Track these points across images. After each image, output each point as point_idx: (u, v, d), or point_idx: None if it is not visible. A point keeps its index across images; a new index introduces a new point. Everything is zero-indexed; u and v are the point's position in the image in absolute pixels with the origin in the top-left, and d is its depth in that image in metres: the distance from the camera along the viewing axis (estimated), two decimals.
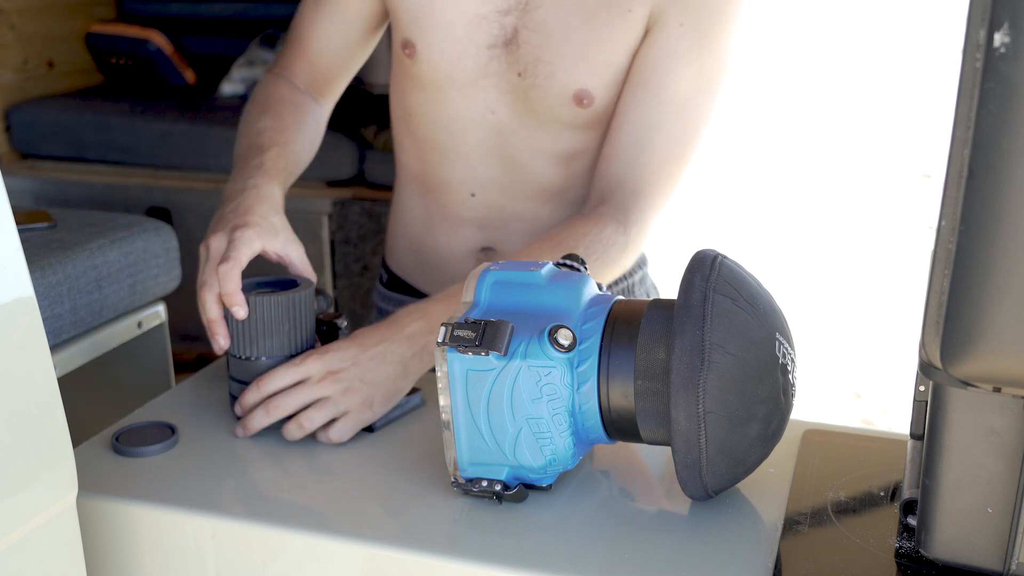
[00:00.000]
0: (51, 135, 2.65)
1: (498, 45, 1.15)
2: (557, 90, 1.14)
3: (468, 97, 1.18)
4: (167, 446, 0.95)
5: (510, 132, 1.19)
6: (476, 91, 1.18)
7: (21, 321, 0.72)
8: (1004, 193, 0.56)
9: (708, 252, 0.83)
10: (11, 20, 2.68)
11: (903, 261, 4.26)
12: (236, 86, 2.78)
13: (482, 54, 1.15)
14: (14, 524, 0.72)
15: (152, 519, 0.86)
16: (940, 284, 0.60)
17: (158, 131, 2.54)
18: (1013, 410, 0.66)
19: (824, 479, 0.88)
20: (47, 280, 1.22)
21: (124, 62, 2.86)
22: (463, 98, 1.19)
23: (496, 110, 1.18)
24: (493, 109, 1.18)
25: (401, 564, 0.79)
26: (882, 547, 0.78)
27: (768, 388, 0.79)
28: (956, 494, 0.70)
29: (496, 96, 1.18)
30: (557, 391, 0.80)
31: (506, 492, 0.83)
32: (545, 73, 1.13)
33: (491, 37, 1.14)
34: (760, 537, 0.80)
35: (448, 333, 0.80)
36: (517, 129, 1.18)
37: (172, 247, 1.46)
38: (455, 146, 1.22)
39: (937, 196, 0.61)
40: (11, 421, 0.71)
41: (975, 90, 0.56)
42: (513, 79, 1.16)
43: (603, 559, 0.78)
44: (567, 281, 0.85)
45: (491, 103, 1.18)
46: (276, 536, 0.82)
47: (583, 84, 1.12)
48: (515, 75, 1.15)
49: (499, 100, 1.18)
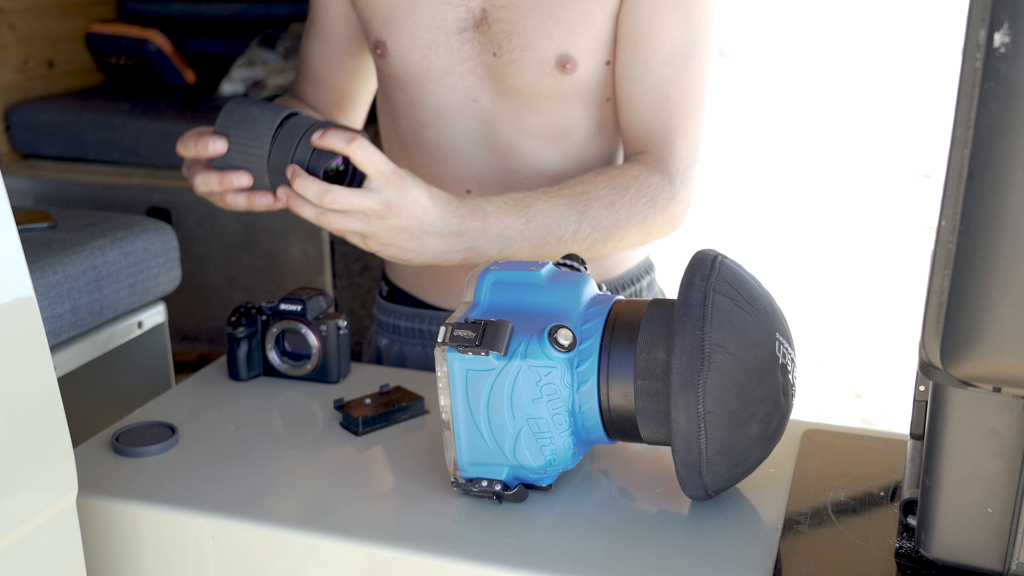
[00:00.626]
0: (51, 135, 2.65)
1: (467, 28, 1.14)
2: (536, 61, 1.13)
3: (447, 88, 1.18)
4: (167, 446, 0.95)
5: (495, 118, 1.18)
6: (454, 80, 1.17)
7: (21, 321, 0.72)
8: (1004, 193, 0.56)
9: (708, 252, 0.83)
10: (11, 20, 2.68)
11: (903, 261, 4.26)
12: (236, 86, 2.78)
13: (452, 40, 1.15)
14: (14, 524, 0.72)
15: (152, 519, 0.86)
16: (940, 284, 0.60)
17: (158, 131, 2.54)
18: (1013, 410, 0.66)
19: (824, 479, 0.88)
20: (47, 280, 1.22)
21: (124, 62, 2.85)
22: (442, 90, 1.18)
23: (477, 97, 1.18)
24: (474, 96, 1.18)
25: (401, 564, 0.79)
26: (882, 547, 0.78)
27: (768, 388, 0.79)
28: (956, 494, 0.70)
29: (475, 82, 1.17)
30: (557, 391, 0.80)
31: (506, 492, 0.83)
32: (521, 46, 1.13)
33: (459, 22, 1.14)
34: (760, 537, 0.80)
35: (448, 333, 0.80)
36: (501, 113, 1.18)
37: (172, 247, 1.46)
38: (442, 142, 1.21)
39: (937, 196, 0.61)
40: (11, 421, 0.71)
41: (975, 90, 0.56)
42: (489, 60, 1.15)
43: (603, 559, 0.78)
44: (567, 281, 0.85)
45: (471, 90, 1.17)
46: (276, 536, 0.83)
47: (563, 49, 1.12)
48: (490, 56, 1.14)
49: (479, 86, 1.17)
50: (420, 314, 1.31)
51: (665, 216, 1.14)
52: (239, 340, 1.09)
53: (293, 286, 2.13)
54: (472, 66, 1.16)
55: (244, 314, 1.10)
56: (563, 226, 1.08)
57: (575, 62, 1.13)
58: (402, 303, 1.34)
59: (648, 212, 1.12)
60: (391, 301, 1.35)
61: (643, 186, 1.12)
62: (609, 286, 1.27)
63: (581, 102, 1.17)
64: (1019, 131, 0.55)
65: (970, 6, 0.56)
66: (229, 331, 1.09)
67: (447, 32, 1.15)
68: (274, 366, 1.10)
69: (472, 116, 1.19)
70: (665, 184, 1.13)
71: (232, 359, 1.10)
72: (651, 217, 1.12)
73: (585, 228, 1.09)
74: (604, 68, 1.15)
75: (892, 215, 4.84)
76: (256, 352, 1.10)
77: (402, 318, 1.33)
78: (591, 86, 1.16)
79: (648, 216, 1.12)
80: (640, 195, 1.11)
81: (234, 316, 1.10)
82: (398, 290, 1.35)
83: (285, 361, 1.10)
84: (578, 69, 1.13)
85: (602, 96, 1.17)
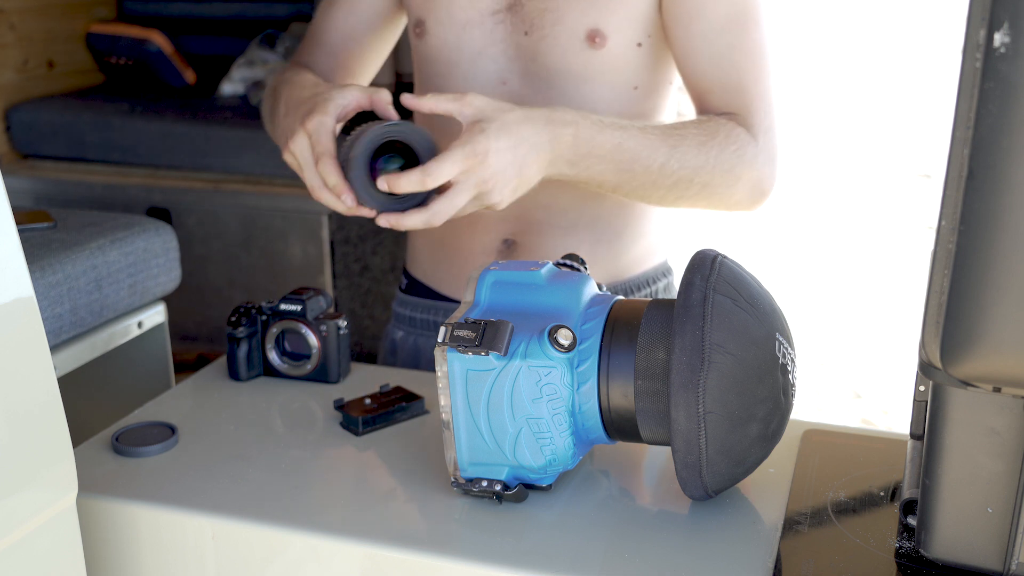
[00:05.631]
0: (51, 135, 2.65)
1: (502, 10, 1.16)
2: (566, 36, 1.14)
3: (478, 71, 1.19)
4: (167, 446, 0.95)
5: (522, 101, 1.18)
6: (485, 62, 1.19)
7: (21, 321, 0.72)
8: (1004, 193, 0.56)
9: (708, 252, 0.83)
10: (11, 20, 2.68)
11: (903, 261, 4.26)
12: (236, 86, 2.78)
13: (487, 21, 1.17)
14: (14, 524, 0.72)
15: (152, 519, 0.86)
16: (940, 284, 0.60)
17: (158, 131, 2.54)
18: (1013, 410, 0.66)
19: (824, 479, 0.88)
20: (47, 280, 1.22)
21: (124, 62, 2.86)
22: (473, 73, 1.19)
23: (507, 80, 1.19)
24: (504, 79, 1.19)
25: (401, 564, 0.79)
26: (882, 547, 0.78)
27: (768, 388, 0.79)
28: (956, 494, 0.70)
29: (506, 64, 1.18)
30: (557, 391, 0.80)
31: (506, 492, 0.83)
32: (552, 21, 1.14)
33: (494, 3, 1.16)
34: (760, 537, 0.80)
35: (448, 333, 0.80)
36: (529, 97, 1.18)
37: (172, 247, 1.46)
38: None
39: (937, 196, 0.61)
40: (11, 421, 0.71)
41: (975, 90, 0.56)
42: (520, 40, 1.16)
43: (603, 559, 0.78)
44: (567, 281, 0.85)
45: (501, 73, 1.19)
46: (276, 536, 0.83)
47: (594, 23, 1.13)
48: (522, 35, 1.16)
49: (509, 68, 1.18)
50: (436, 306, 1.32)
51: (752, 173, 1.13)
52: (239, 340, 1.09)
53: (293, 286, 2.13)
54: (504, 48, 1.18)
55: (244, 314, 1.10)
56: (652, 156, 1.07)
57: (604, 37, 1.13)
58: (420, 295, 1.34)
59: (735, 163, 1.11)
60: (409, 294, 1.36)
61: (731, 133, 1.11)
62: (625, 286, 1.27)
63: (608, 85, 1.17)
64: (1019, 131, 0.55)
65: (970, 6, 0.56)
66: (229, 331, 1.09)
67: (482, 13, 1.17)
68: (274, 366, 1.10)
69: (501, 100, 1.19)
70: (750, 140, 1.13)
71: (232, 359, 1.10)
72: (737, 168, 1.11)
73: (673, 163, 1.08)
74: (635, 49, 1.15)
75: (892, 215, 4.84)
76: (256, 352, 1.10)
77: (419, 310, 1.33)
78: (620, 66, 1.16)
79: (735, 167, 1.11)
80: (729, 142, 1.11)
81: (234, 316, 1.10)
82: (417, 282, 1.35)
83: (285, 361, 1.10)
84: (607, 44, 1.14)
85: (629, 82, 1.17)
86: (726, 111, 1.15)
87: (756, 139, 1.13)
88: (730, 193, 1.13)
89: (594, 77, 1.16)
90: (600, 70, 1.16)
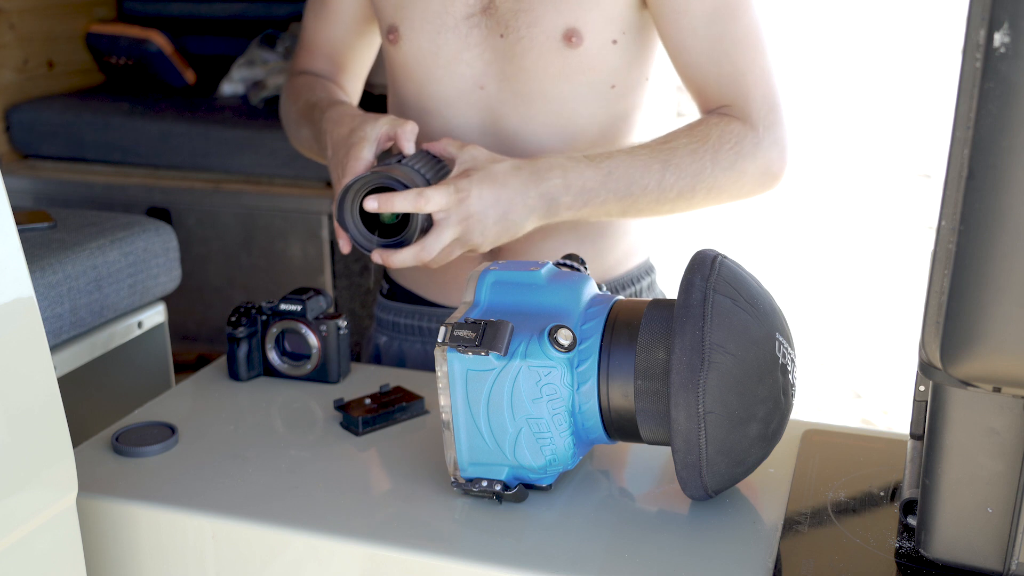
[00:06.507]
0: (51, 135, 2.64)
1: (476, 13, 1.16)
2: (543, 37, 1.13)
3: (455, 76, 1.19)
4: (167, 446, 0.95)
5: (501, 105, 1.19)
6: (461, 67, 1.18)
7: (21, 321, 0.72)
8: (1004, 193, 0.56)
9: (708, 252, 0.83)
10: (11, 20, 2.68)
11: (903, 261, 4.26)
12: (236, 86, 2.78)
13: (461, 25, 1.16)
14: (14, 524, 0.72)
15: (152, 519, 0.86)
16: (940, 284, 0.60)
17: (158, 131, 2.54)
18: (1013, 410, 0.66)
19: (824, 479, 0.88)
20: (47, 280, 1.22)
21: (124, 62, 2.85)
22: (450, 77, 1.19)
23: (484, 83, 1.18)
24: (481, 83, 1.18)
25: (401, 564, 0.79)
26: (882, 547, 0.78)
27: (768, 388, 0.79)
28: (956, 494, 0.70)
29: (482, 68, 1.18)
30: (557, 391, 0.80)
31: (506, 492, 0.83)
32: (527, 22, 1.13)
33: (467, 7, 1.16)
34: (760, 537, 0.80)
35: (448, 333, 0.80)
36: (508, 100, 1.18)
37: (172, 247, 1.46)
38: (449, 132, 1.21)
39: (937, 196, 0.61)
40: (11, 421, 0.71)
41: (975, 90, 0.56)
42: (496, 43, 1.16)
43: (603, 559, 0.78)
44: (567, 281, 0.85)
45: (479, 77, 1.18)
46: (276, 536, 0.83)
47: (570, 23, 1.13)
48: (497, 38, 1.16)
49: (486, 72, 1.18)
50: (420, 311, 1.31)
51: (757, 163, 1.13)
52: (239, 340, 1.09)
53: (293, 286, 2.13)
54: (480, 51, 1.17)
55: (244, 314, 1.10)
56: (647, 176, 1.08)
57: (581, 36, 1.13)
58: (403, 300, 1.34)
59: (735, 158, 1.11)
60: (391, 299, 1.35)
61: (724, 132, 1.11)
62: (609, 286, 1.27)
63: (586, 85, 1.17)
64: (1019, 131, 0.55)
65: (970, 6, 0.56)
66: (229, 331, 1.09)
67: (456, 17, 1.16)
68: (274, 366, 1.10)
69: (479, 104, 1.19)
70: (748, 131, 1.13)
71: (232, 359, 1.10)
72: (740, 163, 1.12)
73: (670, 177, 1.09)
74: (611, 47, 1.15)
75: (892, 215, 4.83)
76: (256, 352, 1.10)
77: (402, 315, 1.33)
78: (596, 65, 1.16)
79: (736, 162, 1.11)
80: (723, 140, 1.11)
81: (234, 316, 1.10)
82: (399, 287, 1.35)
83: (285, 361, 1.10)
84: (584, 43, 1.13)
85: (607, 81, 1.17)
86: (725, 103, 1.15)
87: (755, 128, 1.13)
88: (738, 188, 1.14)
89: (571, 77, 1.16)
90: (577, 69, 1.16)
